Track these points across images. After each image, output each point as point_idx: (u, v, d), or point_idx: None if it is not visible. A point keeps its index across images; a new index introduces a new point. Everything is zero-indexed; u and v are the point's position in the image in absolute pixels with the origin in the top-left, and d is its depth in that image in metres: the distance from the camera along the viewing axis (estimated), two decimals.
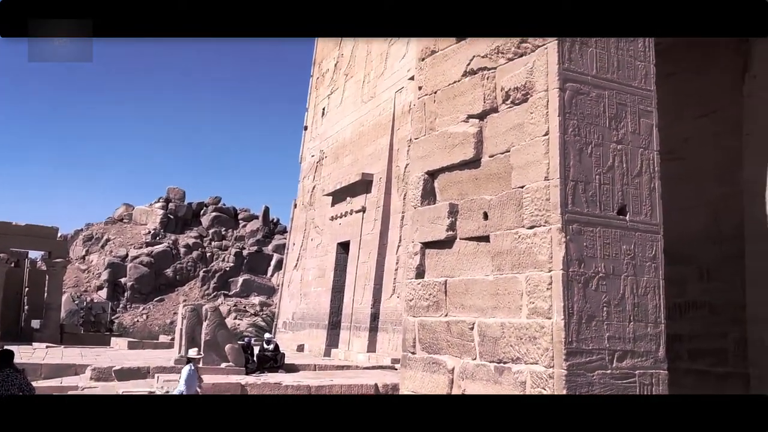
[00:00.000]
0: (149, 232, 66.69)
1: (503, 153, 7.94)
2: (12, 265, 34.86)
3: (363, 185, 23.19)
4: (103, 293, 59.89)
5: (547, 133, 7.35)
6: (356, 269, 22.87)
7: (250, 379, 15.83)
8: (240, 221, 71.77)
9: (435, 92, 9.08)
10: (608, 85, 7.69)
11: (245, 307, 59.64)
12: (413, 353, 8.92)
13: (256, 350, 18.93)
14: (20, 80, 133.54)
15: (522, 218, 7.53)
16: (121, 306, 59.78)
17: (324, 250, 26.14)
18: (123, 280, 61.64)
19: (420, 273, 9.00)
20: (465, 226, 8.39)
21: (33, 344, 27.74)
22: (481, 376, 7.78)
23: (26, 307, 35.03)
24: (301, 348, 25.32)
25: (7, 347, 9.64)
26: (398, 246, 20.57)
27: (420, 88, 9.42)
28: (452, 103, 8.75)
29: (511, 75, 7.89)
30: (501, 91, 8.04)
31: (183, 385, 12.91)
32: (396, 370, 16.92)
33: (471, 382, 7.92)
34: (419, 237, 9.05)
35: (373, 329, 21.22)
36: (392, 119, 22.31)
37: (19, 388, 10.01)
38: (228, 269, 64.37)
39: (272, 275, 64.18)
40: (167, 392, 14.19)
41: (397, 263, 20.40)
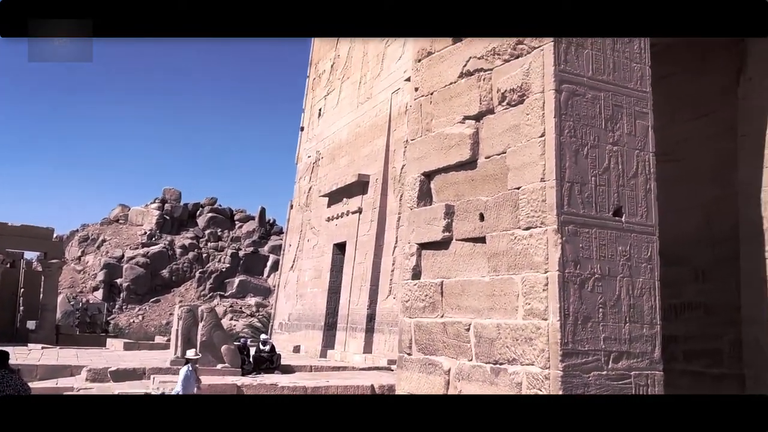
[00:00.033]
0: (145, 233, 66.52)
1: (499, 154, 7.95)
2: (8, 266, 34.77)
3: (359, 186, 23.19)
4: (99, 294, 59.71)
5: (543, 135, 7.37)
6: (352, 270, 22.86)
7: (246, 380, 15.81)
8: (236, 222, 71.63)
9: (431, 93, 9.09)
10: (604, 87, 7.72)
11: (241, 308, 59.53)
12: (409, 354, 8.93)
13: (252, 351, 18.89)
14: (16, 80, 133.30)
15: (518, 219, 7.55)
16: (117, 307, 59.60)
17: (320, 251, 26.13)
18: (119, 281, 61.47)
19: (416, 274, 9.01)
20: (461, 228, 8.40)
21: (28, 345, 27.60)
22: (477, 378, 7.80)
23: (21, 308, 34.87)
24: (297, 349, 25.29)
25: (2, 348, 9.63)
26: (394, 247, 20.56)
27: (416, 90, 9.43)
28: (448, 105, 8.76)
29: (508, 76, 7.90)
30: (497, 93, 8.05)
31: (179, 387, 12.87)
32: (392, 371, 16.92)
33: (467, 383, 7.93)
34: (415, 238, 9.06)
35: (369, 330, 21.21)
36: (388, 120, 22.32)
37: (15, 389, 9.98)
38: (224, 270, 64.23)
39: (268, 276, 64.03)
40: (163, 393, 14.14)
41: (394, 264, 20.39)
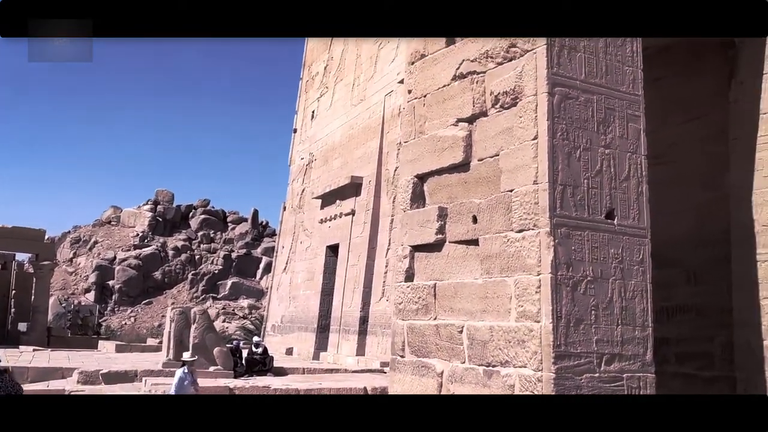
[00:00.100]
0: (137, 235, 66.32)
1: (492, 157, 7.97)
2: None
3: (352, 188, 23.17)
4: (91, 296, 59.47)
5: (536, 137, 7.39)
6: (345, 272, 22.84)
7: (239, 383, 15.78)
8: (229, 224, 71.49)
9: (424, 96, 9.10)
10: (596, 90, 7.74)
11: (234, 310, 59.37)
12: (402, 357, 8.93)
13: (245, 353, 18.84)
14: (7, 82, 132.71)
15: (511, 222, 7.56)
16: (109, 309, 59.36)
17: (313, 253, 26.10)
18: (111, 283, 61.23)
19: (409, 276, 9.01)
20: (454, 230, 8.41)
21: (20, 347, 27.48)
22: (470, 380, 7.80)
23: (13, 310, 34.71)
24: (290, 351, 25.24)
25: None
26: (387, 249, 20.55)
27: (409, 92, 9.43)
28: (442, 107, 8.77)
29: (501, 79, 7.92)
30: (490, 95, 8.07)
31: (173, 389, 12.84)
32: (385, 374, 16.90)
33: (460, 386, 7.93)
34: (408, 240, 9.06)
35: (362, 332, 21.18)
36: (382, 122, 22.32)
37: (5, 390, 9.94)
38: (217, 272, 64.09)
39: (261, 278, 63.92)
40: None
41: (387, 266, 20.38)
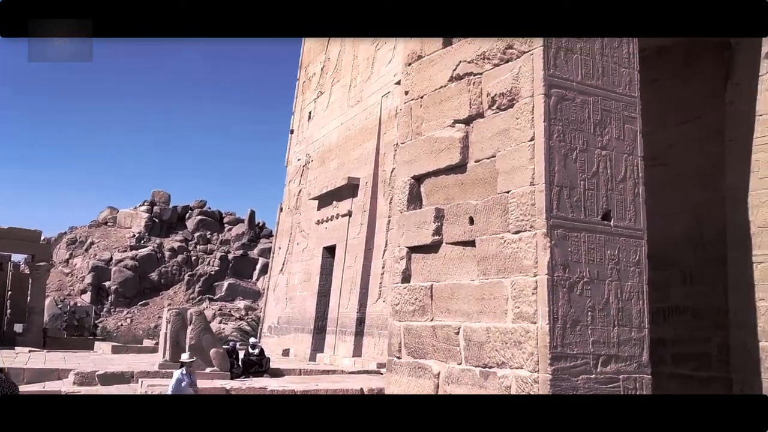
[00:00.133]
0: (134, 236, 66.17)
1: (489, 158, 7.97)
2: None
3: (349, 189, 23.17)
4: (87, 297, 59.32)
5: (533, 139, 7.40)
6: (342, 273, 22.83)
7: (235, 384, 15.77)
8: (225, 225, 71.38)
9: (421, 97, 9.10)
10: (593, 92, 7.75)
11: (230, 312, 59.29)
12: (399, 358, 8.93)
13: (241, 355, 18.83)
14: (4, 82, 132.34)
15: (507, 223, 7.56)
16: (105, 310, 59.23)
17: (310, 254, 26.08)
18: (107, 284, 61.09)
19: (406, 277, 9.01)
20: (451, 231, 8.41)
21: (16, 348, 27.43)
22: (467, 381, 7.80)
23: (9, 311, 34.62)
24: (287, 352, 25.21)
25: None
26: (384, 250, 20.55)
27: (406, 93, 9.44)
28: (438, 108, 8.78)
29: (497, 81, 7.93)
30: (487, 97, 8.07)
31: (170, 390, 12.83)
32: (382, 375, 16.90)
33: (456, 387, 7.93)
34: (405, 241, 9.06)
35: (359, 334, 21.17)
36: (378, 123, 22.32)
37: (2, 390, 9.97)
38: (213, 273, 63.98)
39: (257, 279, 63.83)
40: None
41: (383, 267, 20.37)
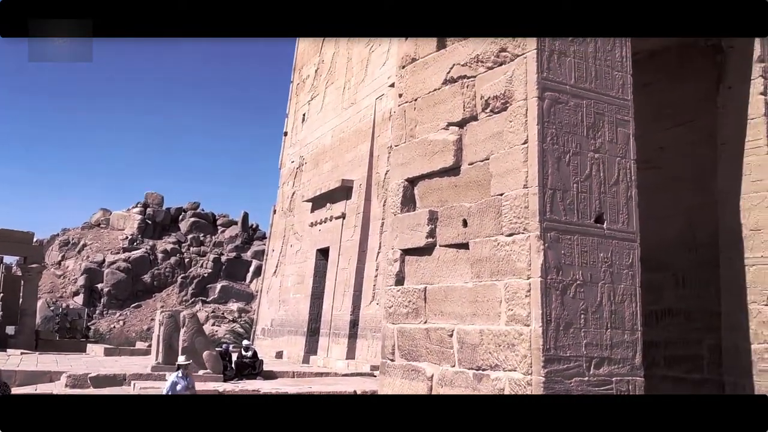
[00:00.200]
0: (127, 238, 65.93)
1: (483, 161, 7.99)
2: None
3: (343, 191, 23.15)
4: (79, 299, 59.06)
5: (526, 142, 7.41)
6: (336, 276, 22.80)
7: (228, 387, 15.73)
8: (219, 227, 71.20)
9: (415, 100, 9.11)
10: (586, 95, 7.78)
11: (223, 314, 59.13)
12: (392, 360, 8.92)
13: (234, 357, 18.78)
14: None
15: (501, 226, 7.57)
16: (98, 312, 58.98)
17: (303, 257, 26.05)
18: (99, 286, 60.85)
19: (399, 280, 9.01)
20: (444, 233, 8.42)
21: (7, 350, 27.30)
22: (460, 383, 7.80)
23: (0, 313, 34.47)
24: (280, 355, 25.17)
25: None
26: (378, 252, 20.54)
27: (400, 96, 9.45)
28: (432, 111, 8.79)
29: (491, 84, 7.94)
30: (481, 100, 8.09)
31: (165, 392, 12.79)
32: (375, 377, 16.89)
33: (450, 389, 7.93)
34: (399, 244, 9.07)
35: (353, 336, 21.15)
36: (372, 126, 22.32)
37: None
38: (206, 275, 63.80)
39: (251, 281, 63.70)
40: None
41: (377, 270, 20.37)
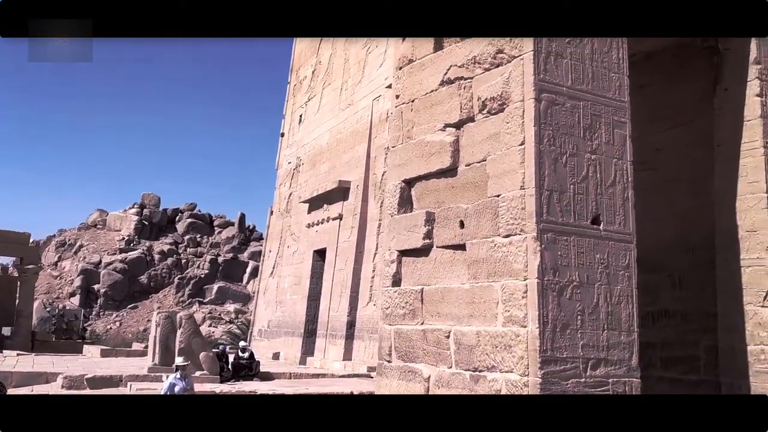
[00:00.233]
0: (123, 239, 65.82)
1: (479, 162, 7.99)
2: None
3: (340, 192, 23.15)
4: (76, 300, 58.95)
5: (523, 143, 7.42)
6: (332, 277, 22.80)
7: (225, 388, 15.73)
8: (215, 228, 71.13)
9: (412, 101, 9.11)
10: (583, 96, 7.79)
11: (220, 315, 59.06)
12: (389, 361, 8.92)
13: (231, 358, 18.78)
14: None
15: (498, 227, 7.58)
16: (94, 313, 58.87)
17: (300, 258, 26.04)
18: (96, 287, 60.75)
19: (396, 281, 9.01)
20: (441, 235, 8.42)
21: (3, 352, 27.27)
22: (457, 385, 7.80)
23: None
24: (277, 356, 25.15)
25: None
26: (375, 254, 20.54)
27: (397, 97, 9.45)
28: (429, 112, 8.79)
29: (488, 85, 7.95)
30: (477, 101, 8.10)
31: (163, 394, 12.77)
32: (372, 379, 16.90)
33: (447, 391, 7.93)
34: (396, 245, 9.07)
35: (349, 337, 21.15)
36: (369, 127, 22.33)
37: None
38: (203, 276, 63.73)
39: (248, 282, 63.64)
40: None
41: (374, 271, 20.37)
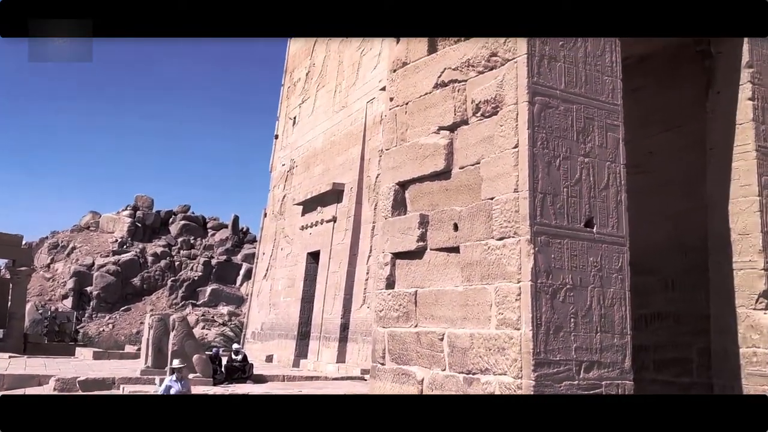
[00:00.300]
0: (116, 241, 65.63)
1: (473, 165, 8.01)
2: None
3: (334, 195, 23.14)
4: (68, 302, 58.74)
5: (517, 146, 7.44)
6: (326, 279, 22.78)
7: (218, 390, 15.68)
8: (209, 230, 71.00)
9: (406, 103, 9.12)
10: (576, 99, 7.81)
11: (213, 317, 58.93)
12: (383, 364, 8.92)
13: (224, 361, 18.73)
14: None
15: (491, 230, 7.59)
16: (87, 315, 58.66)
17: (294, 260, 26.01)
18: (89, 289, 60.53)
19: (390, 283, 9.01)
20: (435, 237, 8.43)
21: None
22: (451, 387, 7.80)
23: None
24: (270, 358, 25.11)
25: None
26: (369, 256, 20.55)
27: (391, 100, 9.45)
28: (423, 115, 8.80)
29: (482, 88, 7.97)
30: (471, 104, 8.11)
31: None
32: (365, 381, 16.88)
33: (440, 393, 7.93)
34: (390, 247, 9.07)
35: (343, 340, 21.14)
36: (363, 129, 22.34)
37: None
38: (196, 278, 63.59)
39: (241, 285, 63.54)
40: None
41: (368, 273, 20.37)
